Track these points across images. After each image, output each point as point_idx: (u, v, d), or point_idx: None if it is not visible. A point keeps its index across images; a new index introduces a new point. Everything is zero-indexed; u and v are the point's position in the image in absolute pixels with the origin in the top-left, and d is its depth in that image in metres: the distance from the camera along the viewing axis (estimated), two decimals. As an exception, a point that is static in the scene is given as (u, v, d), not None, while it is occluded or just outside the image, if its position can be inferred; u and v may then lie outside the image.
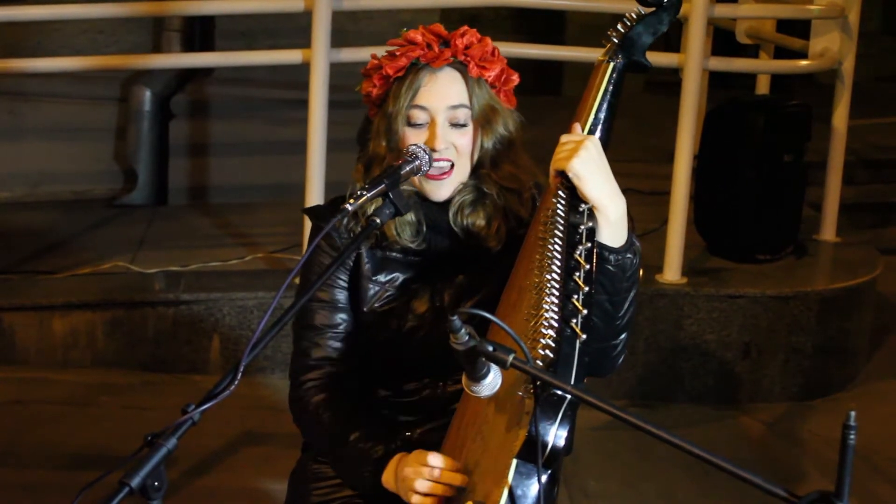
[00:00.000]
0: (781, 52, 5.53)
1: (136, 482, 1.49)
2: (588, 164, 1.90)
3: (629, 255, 1.91)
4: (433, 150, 2.08)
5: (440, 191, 2.13)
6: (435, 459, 1.91)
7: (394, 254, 2.19)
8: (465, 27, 2.18)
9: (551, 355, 1.67)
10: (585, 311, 1.75)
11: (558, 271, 1.80)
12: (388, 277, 2.19)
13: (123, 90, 5.70)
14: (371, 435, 2.09)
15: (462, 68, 2.13)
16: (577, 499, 3.67)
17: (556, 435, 1.64)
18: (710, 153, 4.82)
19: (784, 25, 5.60)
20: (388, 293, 2.18)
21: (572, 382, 1.68)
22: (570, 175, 1.90)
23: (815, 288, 4.54)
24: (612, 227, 1.90)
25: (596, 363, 1.96)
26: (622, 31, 2.09)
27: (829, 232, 5.06)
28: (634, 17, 2.10)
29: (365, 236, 1.99)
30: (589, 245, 1.85)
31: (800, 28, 5.25)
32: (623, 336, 1.99)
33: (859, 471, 3.75)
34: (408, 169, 2.02)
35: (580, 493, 3.70)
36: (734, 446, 4.09)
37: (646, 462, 3.88)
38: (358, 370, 2.22)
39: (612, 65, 2.08)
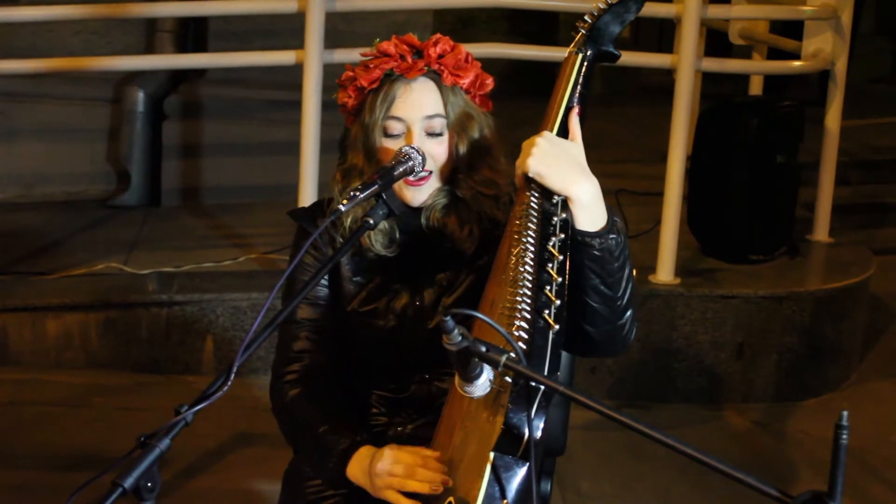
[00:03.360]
0: (774, 53, 5.54)
1: (129, 483, 1.49)
2: (543, 160, 1.90)
3: (612, 236, 1.91)
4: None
5: (418, 196, 2.14)
6: (424, 455, 1.92)
7: (372, 255, 2.20)
8: (438, 35, 2.19)
9: (524, 347, 1.68)
10: (559, 302, 1.76)
11: (532, 263, 1.80)
12: (368, 279, 2.20)
13: (116, 91, 5.69)
14: (339, 427, 2.10)
15: (436, 77, 2.14)
16: (570, 499, 3.68)
17: (532, 426, 1.65)
18: (704, 154, 4.82)
19: (777, 26, 5.61)
20: (368, 293, 2.19)
21: (545, 374, 1.68)
22: (531, 175, 1.91)
23: (808, 288, 4.55)
24: (588, 210, 1.90)
25: (608, 345, 2.01)
26: (590, 21, 2.09)
27: (822, 232, 5.06)
28: (602, 7, 2.10)
29: (359, 236, 2.00)
30: (563, 236, 1.86)
31: (793, 29, 5.25)
32: (628, 314, 1.99)
33: (852, 471, 3.76)
34: (401, 170, 2.03)
35: (573, 494, 3.70)
36: (727, 446, 4.09)
37: (639, 462, 3.89)
38: (336, 366, 2.23)
39: (580, 56, 2.08)
